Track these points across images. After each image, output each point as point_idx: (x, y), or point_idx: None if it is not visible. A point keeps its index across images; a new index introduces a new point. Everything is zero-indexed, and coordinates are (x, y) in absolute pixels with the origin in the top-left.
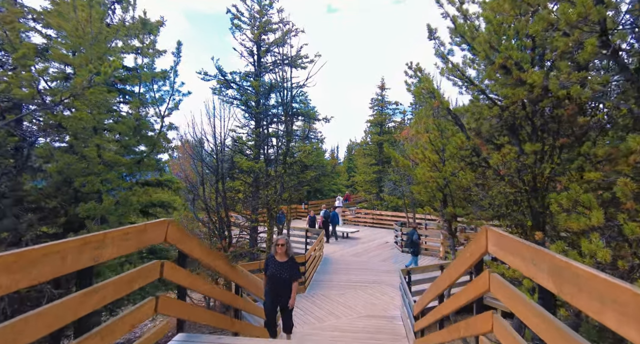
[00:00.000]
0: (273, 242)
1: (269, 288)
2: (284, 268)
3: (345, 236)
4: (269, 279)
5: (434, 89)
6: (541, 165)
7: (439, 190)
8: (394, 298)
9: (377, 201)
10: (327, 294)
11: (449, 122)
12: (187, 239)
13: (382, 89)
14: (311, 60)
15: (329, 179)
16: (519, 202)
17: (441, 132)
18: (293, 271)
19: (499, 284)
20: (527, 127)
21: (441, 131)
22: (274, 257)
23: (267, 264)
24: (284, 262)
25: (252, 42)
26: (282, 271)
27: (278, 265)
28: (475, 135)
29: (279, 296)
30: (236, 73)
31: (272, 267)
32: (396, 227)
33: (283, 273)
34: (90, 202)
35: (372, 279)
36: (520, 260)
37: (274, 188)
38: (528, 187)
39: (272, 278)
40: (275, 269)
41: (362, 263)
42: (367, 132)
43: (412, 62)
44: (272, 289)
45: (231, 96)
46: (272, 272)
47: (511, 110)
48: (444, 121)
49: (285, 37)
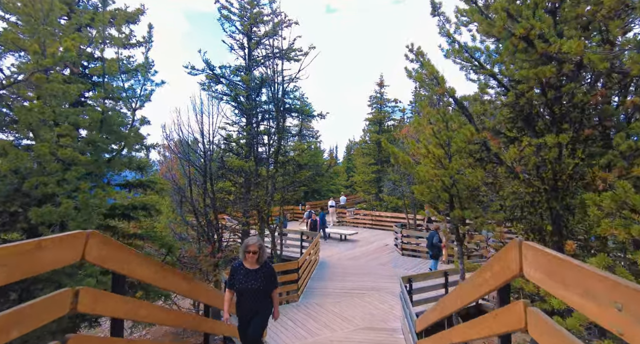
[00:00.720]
0: (242, 245)
1: (239, 306)
2: (255, 277)
3: (343, 238)
4: (238, 294)
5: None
6: (564, 160)
7: (445, 190)
8: (394, 307)
9: (376, 202)
10: (322, 304)
11: (456, 113)
12: (122, 255)
13: (381, 86)
14: (305, 53)
15: (327, 179)
16: (536, 203)
17: (446, 123)
18: (268, 279)
19: (546, 327)
20: (545, 117)
21: (446, 122)
22: (243, 264)
23: (233, 274)
24: (253, 269)
25: (243, 35)
26: (252, 281)
27: (248, 274)
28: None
29: (254, 313)
30: (226, 67)
31: (240, 277)
32: (396, 229)
33: (254, 283)
34: (46, 206)
35: (370, 286)
36: (584, 297)
37: (265, 189)
38: (548, 186)
39: (242, 292)
40: (244, 279)
41: (360, 268)
42: (366, 131)
43: (413, 45)
44: (245, 307)
45: (221, 91)
46: (241, 284)
47: (528, 96)
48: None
49: (277, 28)
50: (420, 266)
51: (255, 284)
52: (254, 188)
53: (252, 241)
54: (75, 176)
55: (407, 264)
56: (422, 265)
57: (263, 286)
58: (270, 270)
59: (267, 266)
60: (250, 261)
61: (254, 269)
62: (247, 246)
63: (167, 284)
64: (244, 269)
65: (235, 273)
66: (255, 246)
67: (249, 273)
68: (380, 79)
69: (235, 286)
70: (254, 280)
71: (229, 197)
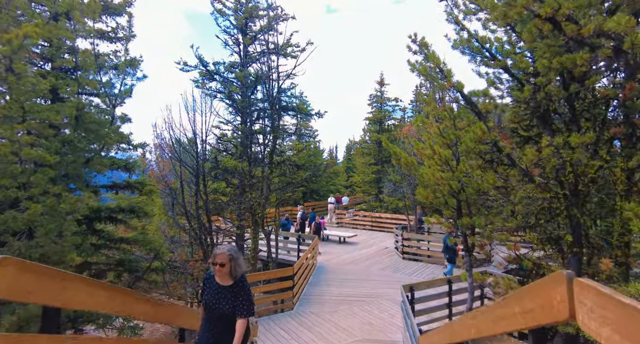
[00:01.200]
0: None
1: (204, 323)
2: (225, 296)
3: (342, 241)
4: (205, 309)
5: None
6: (588, 162)
7: (452, 195)
8: (395, 316)
9: (376, 203)
10: (318, 312)
11: (464, 110)
12: (52, 284)
13: (381, 85)
14: (302, 49)
15: (327, 179)
16: (554, 210)
17: (453, 121)
18: (238, 301)
19: None
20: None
21: (453, 120)
22: (214, 277)
23: (205, 285)
24: (226, 286)
25: (237, 30)
26: (220, 300)
27: (217, 290)
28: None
29: (218, 337)
30: (220, 63)
31: (209, 292)
32: (397, 232)
33: (222, 303)
34: (8, 212)
35: (369, 292)
36: None
37: (260, 190)
38: (568, 191)
39: (208, 309)
40: (213, 297)
41: (359, 273)
42: (366, 131)
43: (416, 35)
44: (208, 327)
45: (215, 89)
46: (208, 302)
47: (547, 90)
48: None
49: (273, 22)
50: (422, 270)
51: (224, 306)
52: (248, 189)
53: (221, 250)
54: (43, 178)
55: (408, 269)
56: (423, 269)
57: (229, 308)
58: (242, 291)
59: (241, 285)
60: (219, 275)
61: (225, 286)
62: (214, 256)
63: (127, 310)
64: (215, 283)
65: (206, 285)
66: (224, 256)
67: (220, 290)
68: (380, 77)
69: (203, 300)
70: (224, 301)
71: (224, 198)
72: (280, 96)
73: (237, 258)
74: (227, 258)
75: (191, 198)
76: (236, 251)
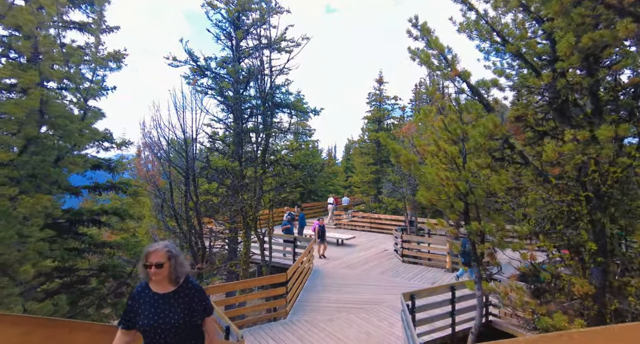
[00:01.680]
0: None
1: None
2: (171, 306)
3: (339, 243)
4: (145, 336)
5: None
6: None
7: (459, 197)
8: (394, 325)
9: (375, 204)
10: (313, 321)
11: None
12: None
13: (380, 83)
14: (297, 44)
15: (325, 179)
16: (574, 214)
17: (460, 114)
18: (194, 303)
19: None
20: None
21: (460, 113)
22: (148, 286)
23: (132, 306)
24: (168, 294)
25: (229, 23)
26: (165, 313)
27: (156, 303)
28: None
29: None
30: (211, 59)
31: (144, 309)
32: (396, 234)
33: (169, 316)
34: None
35: (367, 298)
36: None
37: (253, 191)
38: (591, 193)
39: (151, 332)
40: (151, 312)
41: (356, 277)
42: (365, 130)
43: (417, 19)
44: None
45: (206, 85)
46: (148, 320)
47: (569, 77)
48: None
49: (266, 15)
50: (422, 274)
51: (173, 317)
52: (239, 190)
53: (155, 246)
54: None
55: (408, 273)
56: (424, 273)
57: (186, 319)
58: (195, 291)
59: (190, 286)
60: (155, 280)
61: (167, 294)
62: (146, 256)
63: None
64: (152, 294)
65: (135, 302)
66: (160, 254)
67: (161, 300)
68: (379, 75)
69: (138, 324)
70: (170, 311)
71: (216, 199)
72: (274, 92)
73: (177, 255)
74: (164, 256)
75: (181, 200)
76: (175, 247)
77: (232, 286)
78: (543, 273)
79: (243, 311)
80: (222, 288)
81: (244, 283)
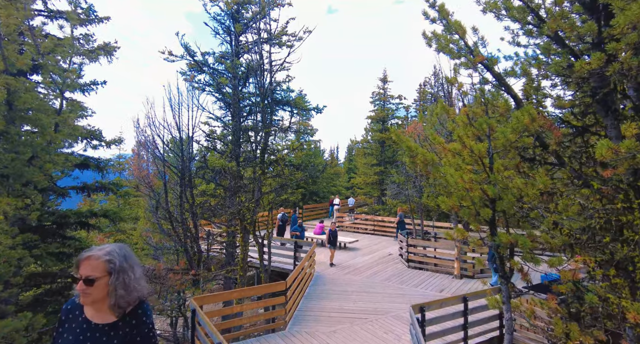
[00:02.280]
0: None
1: None
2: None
3: (342, 246)
4: None
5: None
6: None
7: (486, 205)
8: (401, 338)
9: (378, 206)
10: (313, 332)
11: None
12: None
13: (384, 82)
14: (299, 38)
15: (327, 180)
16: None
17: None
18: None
19: None
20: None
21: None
22: (81, 311)
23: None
24: (102, 327)
25: (227, 16)
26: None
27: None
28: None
29: None
30: (209, 54)
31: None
32: (401, 238)
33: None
34: None
35: (372, 308)
36: None
37: (252, 192)
38: None
39: None
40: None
41: (360, 284)
42: (368, 130)
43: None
44: None
45: (204, 81)
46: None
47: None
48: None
49: (267, 8)
50: (429, 280)
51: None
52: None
53: (90, 252)
54: None
55: (414, 279)
56: (431, 280)
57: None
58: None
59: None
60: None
61: (101, 326)
62: (77, 263)
63: None
64: (81, 320)
65: (62, 323)
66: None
67: (88, 332)
68: (383, 74)
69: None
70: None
71: (213, 201)
72: (274, 88)
73: (124, 269)
74: (101, 268)
75: (176, 201)
76: (125, 255)
77: (228, 295)
78: (589, 296)
79: (239, 322)
80: (218, 297)
81: (240, 292)
